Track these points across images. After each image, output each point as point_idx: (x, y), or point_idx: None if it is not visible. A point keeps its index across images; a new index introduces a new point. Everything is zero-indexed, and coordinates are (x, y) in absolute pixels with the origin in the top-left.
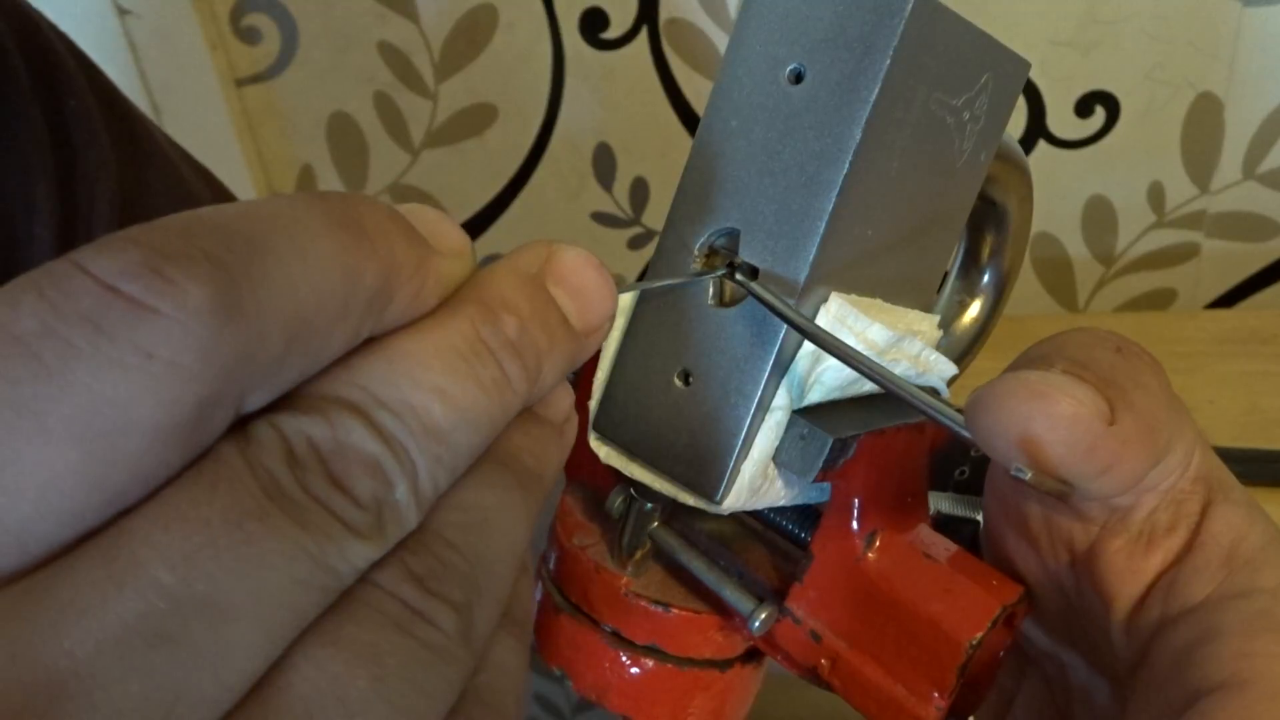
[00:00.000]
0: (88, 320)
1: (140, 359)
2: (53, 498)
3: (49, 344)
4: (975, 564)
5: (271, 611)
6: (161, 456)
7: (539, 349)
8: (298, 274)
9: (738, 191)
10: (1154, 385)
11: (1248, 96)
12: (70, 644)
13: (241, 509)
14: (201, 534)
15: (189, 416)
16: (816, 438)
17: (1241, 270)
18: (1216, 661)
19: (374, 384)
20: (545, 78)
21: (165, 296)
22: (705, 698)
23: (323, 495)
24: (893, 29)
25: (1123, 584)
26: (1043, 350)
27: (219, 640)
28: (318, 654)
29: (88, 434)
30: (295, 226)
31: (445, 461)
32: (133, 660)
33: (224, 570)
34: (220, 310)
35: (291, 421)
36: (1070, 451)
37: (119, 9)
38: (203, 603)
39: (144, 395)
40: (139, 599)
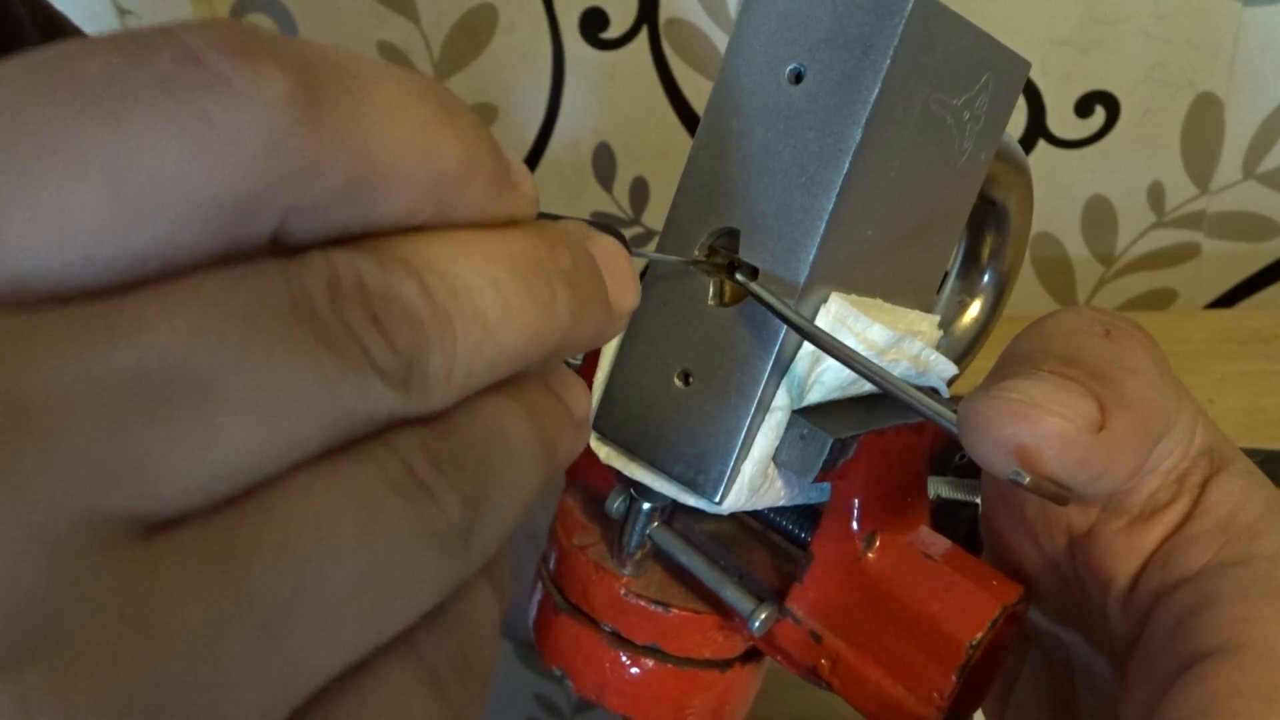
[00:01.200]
0: (158, 75)
1: (201, 123)
2: (72, 236)
3: (111, 86)
4: (975, 564)
5: (269, 415)
6: (194, 235)
7: (585, 292)
8: (380, 118)
9: (738, 191)
10: (1147, 367)
11: (1248, 96)
12: (50, 375)
13: (263, 308)
14: (212, 315)
15: (232, 205)
16: (816, 438)
17: (1241, 270)
18: (1212, 628)
19: (433, 254)
20: (545, 78)
21: (245, 73)
22: (705, 698)
23: (356, 326)
24: (893, 29)
25: (1121, 561)
26: (1029, 345)
27: (204, 424)
28: (309, 482)
29: (125, 181)
30: (391, 81)
31: (484, 354)
32: (109, 411)
33: (226, 357)
34: (295, 107)
35: (344, 254)
36: (1062, 465)
37: (119, 9)
38: (196, 381)
39: (193, 161)
40: (131, 353)
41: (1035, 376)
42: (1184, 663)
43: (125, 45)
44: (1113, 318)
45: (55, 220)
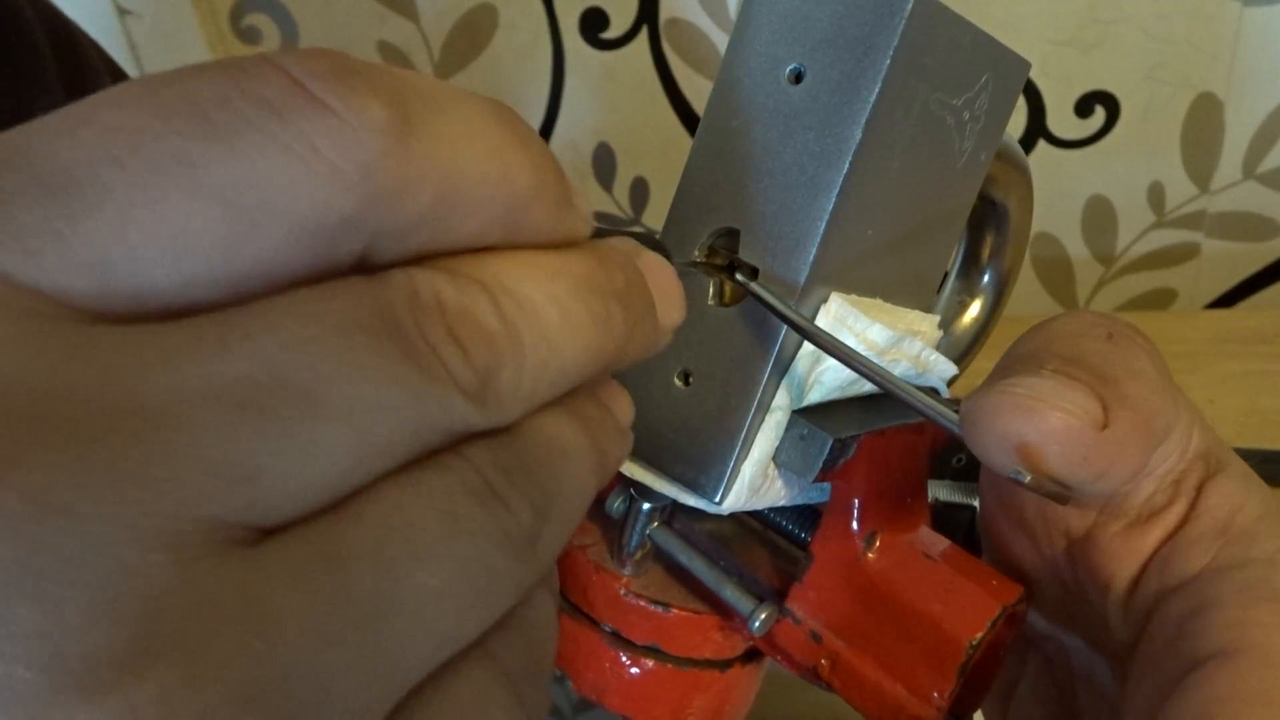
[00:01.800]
0: (267, 102)
1: (306, 150)
2: (182, 251)
3: (223, 113)
4: (975, 564)
5: (364, 426)
6: (293, 254)
7: (637, 310)
8: (463, 143)
9: (738, 191)
10: (1148, 370)
11: (1248, 96)
12: (167, 383)
13: (355, 321)
14: (311, 329)
15: (330, 226)
16: (817, 438)
17: (1241, 270)
18: (1211, 631)
19: (502, 274)
20: (545, 78)
21: (346, 103)
22: (705, 698)
23: (437, 342)
24: (893, 29)
25: (1119, 564)
26: (1032, 345)
27: (308, 431)
28: (397, 494)
29: (235, 202)
30: (469, 103)
31: (549, 371)
32: (222, 418)
33: (325, 368)
34: (392, 134)
35: (423, 273)
36: (1065, 462)
37: (119, 9)
38: (300, 391)
39: (297, 185)
40: (240, 365)
41: (1039, 374)
42: (1184, 667)
43: (233, 71)
44: (1115, 322)
45: (172, 237)
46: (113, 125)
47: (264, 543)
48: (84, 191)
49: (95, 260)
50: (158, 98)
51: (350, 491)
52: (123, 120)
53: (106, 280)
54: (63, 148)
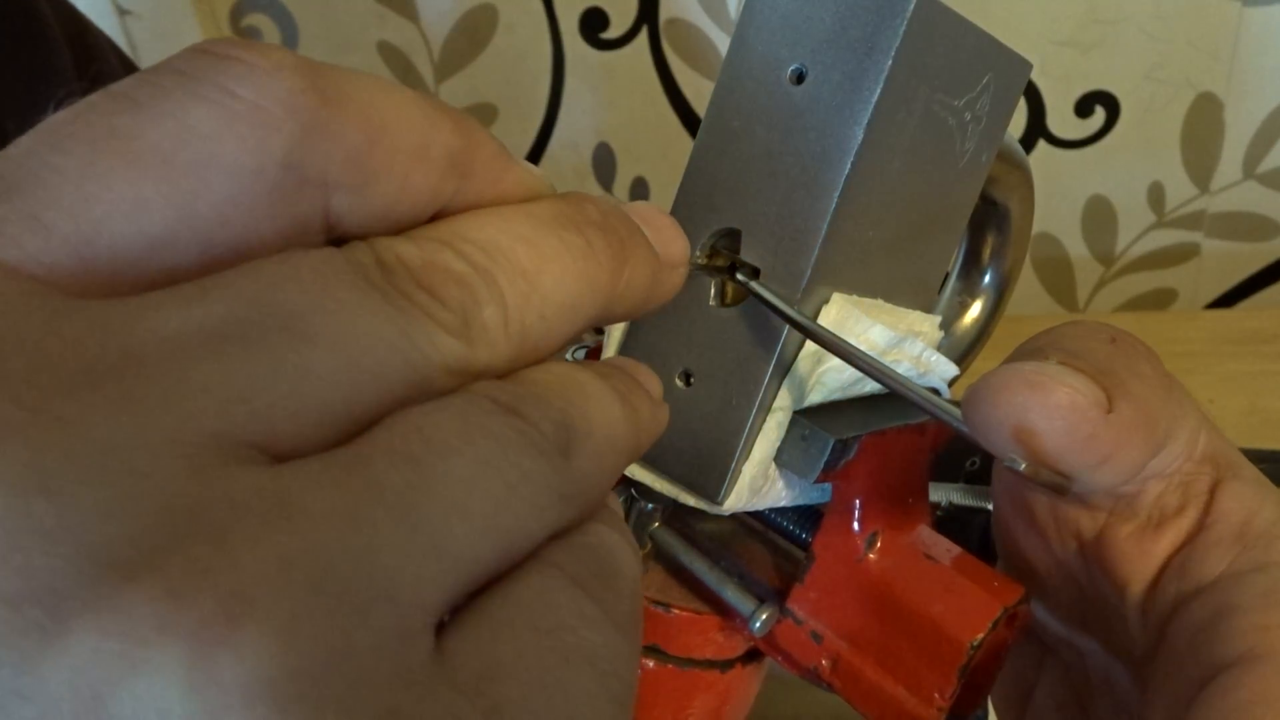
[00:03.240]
0: (180, 70)
1: (223, 95)
2: (142, 221)
3: (143, 89)
4: (976, 565)
5: (352, 352)
6: (247, 205)
7: (620, 235)
8: (377, 92)
9: (739, 192)
10: (1150, 373)
11: (1248, 96)
12: (154, 325)
13: (331, 271)
14: (289, 272)
15: (271, 169)
16: (818, 438)
17: (1241, 270)
18: (1233, 637)
19: (460, 228)
20: (545, 78)
21: (252, 51)
22: (705, 698)
23: (409, 291)
24: (895, 29)
25: (1134, 568)
26: (1037, 343)
27: (296, 356)
28: (412, 416)
29: (173, 162)
30: (372, 76)
31: (534, 304)
32: (204, 348)
33: (306, 304)
34: (302, 73)
35: (383, 240)
36: (1069, 441)
37: (119, 9)
38: (282, 322)
39: (224, 130)
40: (220, 306)
41: (1045, 360)
42: (1206, 673)
43: (148, 70)
44: (1118, 330)
45: (129, 204)
46: (49, 126)
47: (283, 461)
48: (43, 179)
49: (71, 236)
50: (85, 101)
51: (361, 424)
52: (57, 121)
53: (85, 254)
54: (11, 152)
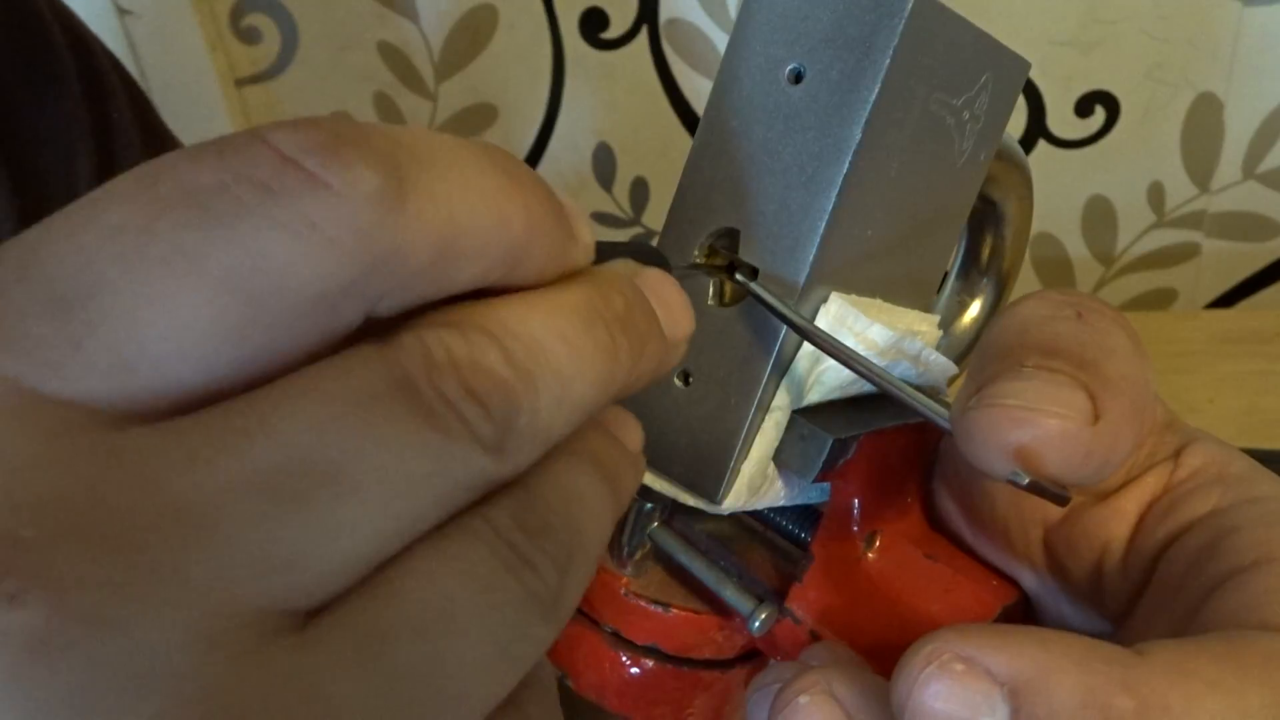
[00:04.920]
0: (262, 184)
1: (304, 227)
2: (196, 342)
3: (221, 199)
4: (975, 565)
5: (392, 498)
6: (300, 329)
7: (640, 331)
8: (458, 196)
9: (737, 191)
10: (1123, 344)
11: (1248, 96)
12: (199, 481)
13: (373, 394)
14: (332, 408)
15: (334, 296)
16: (817, 438)
17: (1241, 270)
18: (1240, 549)
19: (506, 318)
20: (545, 78)
21: (339, 174)
22: (705, 698)
23: (456, 400)
24: (893, 29)
25: (1109, 530)
26: (1006, 339)
27: (340, 512)
28: (430, 566)
29: (240, 287)
30: (462, 154)
31: (563, 408)
32: (256, 509)
33: (350, 446)
34: (386, 200)
35: (431, 332)
36: (1068, 464)
37: (119, 9)
38: (328, 472)
39: (299, 263)
40: (267, 454)
41: (1023, 375)
42: (1214, 582)
43: (226, 154)
44: (1081, 298)
45: (183, 330)
46: (115, 225)
47: (308, 626)
48: (94, 297)
49: (114, 363)
50: (155, 191)
51: (382, 562)
52: (124, 219)
53: (125, 381)
54: (68, 254)
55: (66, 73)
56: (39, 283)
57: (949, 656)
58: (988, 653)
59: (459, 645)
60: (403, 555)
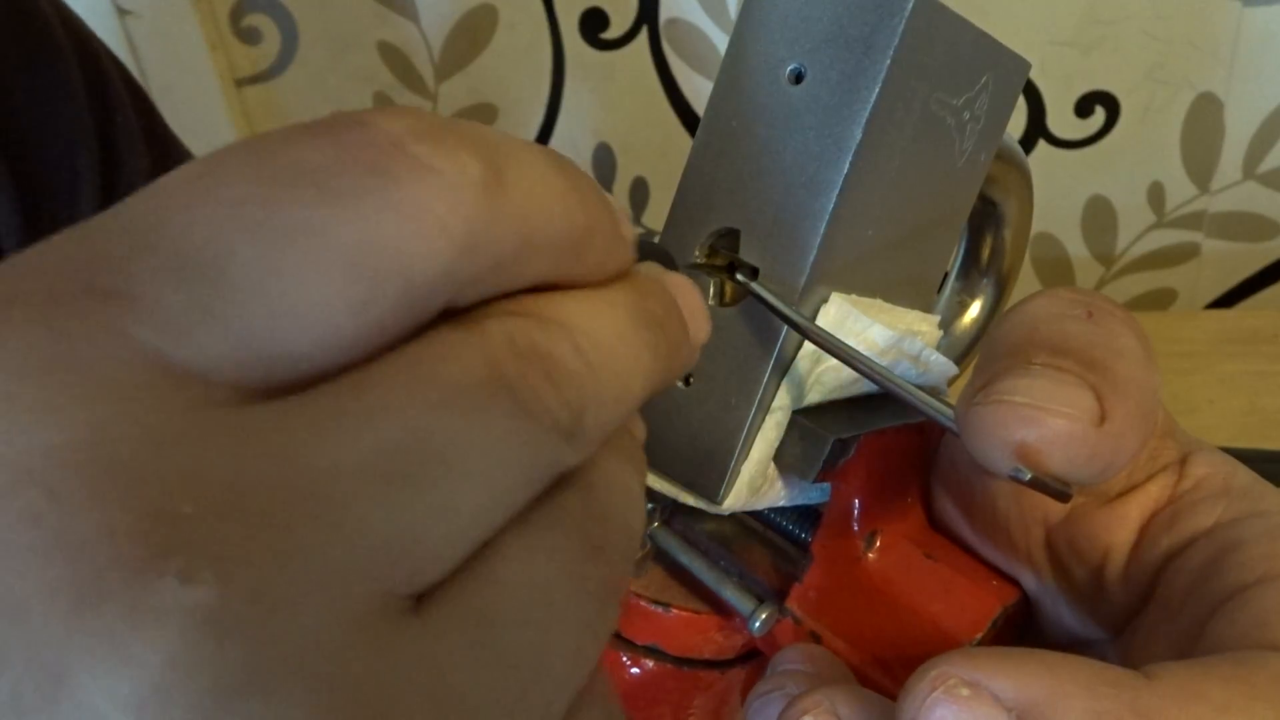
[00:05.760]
0: (373, 166)
1: (416, 210)
2: (317, 318)
3: (339, 180)
4: (976, 564)
5: (495, 481)
6: (405, 311)
7: (675, 335)
8: (538, 191)
9: (738, 191)
10: (1132, 346)
11: (1248, 96)
12: (323, 457)
13: (474, 380)
14: (440, 392)
15: (436, 279)
16: (817, 438)
17: (1241, 270)
18: (1243, 565)
19: (574, 314)
20: (545, 78)
21: (446, 160)
22: (705, 698)
23: (540, 389)
24: (893, 29)
25: (1113, 536)
26: (1015, 335)
27: (450, 493)
28: (524, 553)
29: (358, 266)
30: (534, 153)
31: (620, 404)
32: (374, 489)
33: (459, 430)
34: (489, 189)
35: (514, 321)
36: (1072, 463)
37: (119, 9)
38: (440, 454)
39: (412, 244)
40: (386, 434)
41: (1030, 373)
42: (1219, 598)
43: (335, 134)
44: (1092, 297)
45: (307, 304)
46: (239, 198)
47: (420, 610)
48: (225, 267)
49: (241, 332)
50: (271, 167)
51: (478, 548)
52: (245, 193)
53: (250, 351)
54: (195, 224)
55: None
56: (168, 252)
57: (955, 681)
58: (994, 677)
59: (558, 630)
60: (495, 541)
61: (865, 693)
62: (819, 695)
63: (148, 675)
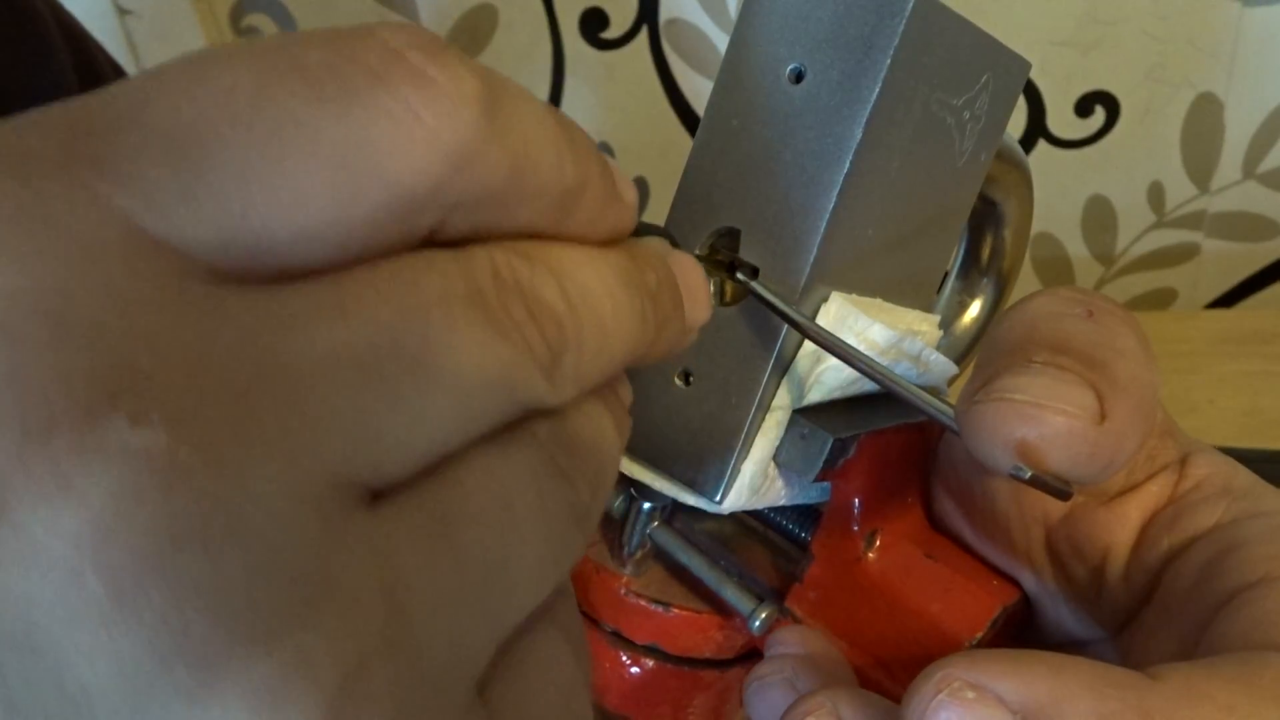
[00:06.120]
0: (370, 70)
1: (409, 116)
2: (298, 210)
3: (332, 78)
4: (975, 564)
5: (464, 395)
6: (388, 221)
7: (666, 310)
8: (529, 125)
9: (738, 191)
10: (1133, 346)
11: (1248, 96)
12: (297, 345)
13: (454, 294)
14: (419, 299)
15: (422, 191)
16: (817, 437)
17: (1241, 270)
18: (1245, 565)
19: (563, 261)
20: (545, 78)
21: (443, 72)
22: (705, 697)
23: (520, 319)
24: (893, 29)
25: (1113, 535)
26: (1015, 333)
27: (415, 397)
28: (490, 465)
29: (347, 164)
30: (530, 97)
31: (599, 358)
32: (349, 382)
33: (434, 338)
34: (483, 105)
35: (500, 251)
36: (1072, 462)
37: (119, 9)
38: (414, 358)
39: (402, 149)
40: (360, 331)
41: (1031, 371)
42: (1221, 598)
43: (336, 40)
44: (1092, 297)
45: (291, 195)
46: (229, 86)
47: (380, 503)
48: (209, 149)
49: (220, 215)
50: (267, 61)
51: (444, 456)
52: (238, 81)
53: (230, 237)
54: (183, 105)
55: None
56: (154, 129)
57: (960, 684)
58: (999, 679)
59: (516, 538)
60: (462, 453)
61: (868, 694)
62: (822, 697)
63: (89, 511)
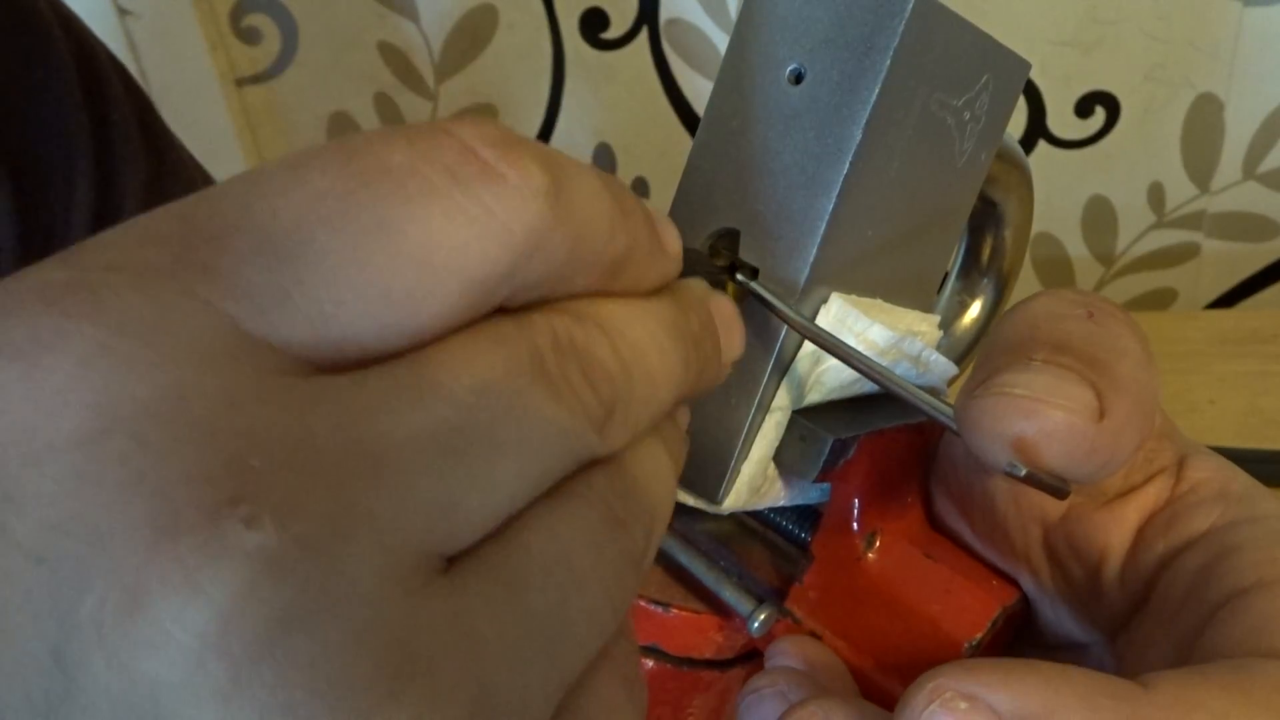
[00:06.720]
0: (447, 169)
1: (483, 213)
2: (382, 306)
3: (413, 179)
4: (975, 565)
5: (527, 460)
6: (464, 305)
7: (706, 353)
8: (587, 204)
9: (738, 192)
10: (1133, 348)
11: (1248, 96)
12: (379, 427)
13: (519, 367)
14: (487, 375)
15: (495, 280)
16: (817, 438)
17: (1241, 270)
18: (1241, 570)
19: (614, 318)
20: (545, 78)
21: (514, 169)
22: (705, 698)
23: (575, 382)
24: (893, 29)
25: (1110, 537)
26: (1016, 333)
27: (490, 468)
28: (550, 524)
29: (426, 261)
30: (587, 172)
31: (649, 407)
32: (425, 461)
33: (501, 411)
34: (550, 197)
35: (557, 317)
36: (1069, 458)
37: (119, 9)
38: (484, 432)
39: (476, 244)
40: (438, 411)
41: (1031, 368)
42: (1215, 603)
43: (415, 139)
44: (1093, 298)
45: (376, 294)
46: (322, 190)
47: (453, 569)
48: (304, 253)
49: (314, 314)
50: (356, 164)
51: (511, 517)
52: (329, 185)
53: (319, 332)
54: (281, 211)
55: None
56: (255, 234)
57: (952, 694)
58: (992, 690)
59: (577, 592)
60: (524, 513)
61: (861, 703)
62: (814, 706)
63: (214, 606)
